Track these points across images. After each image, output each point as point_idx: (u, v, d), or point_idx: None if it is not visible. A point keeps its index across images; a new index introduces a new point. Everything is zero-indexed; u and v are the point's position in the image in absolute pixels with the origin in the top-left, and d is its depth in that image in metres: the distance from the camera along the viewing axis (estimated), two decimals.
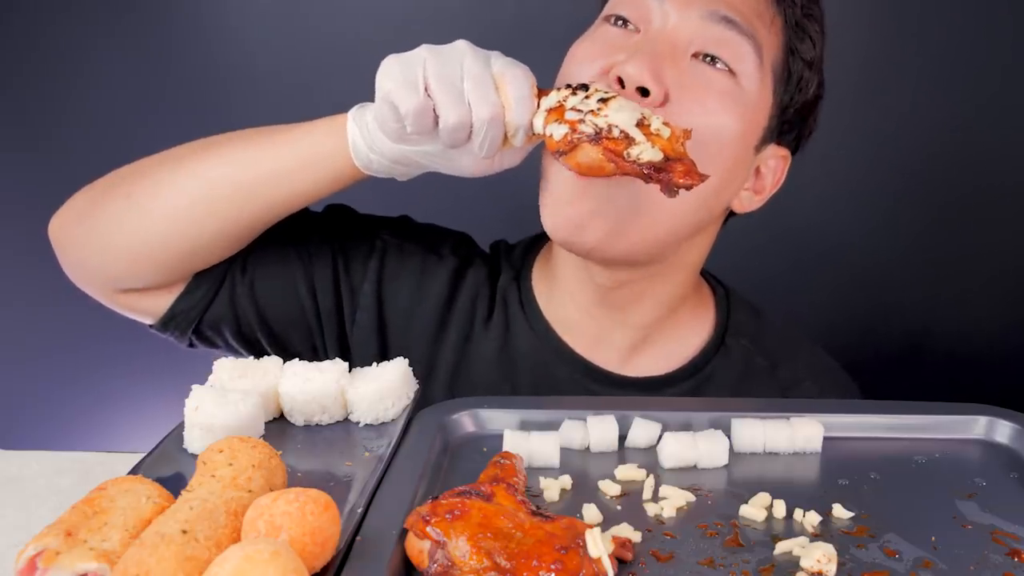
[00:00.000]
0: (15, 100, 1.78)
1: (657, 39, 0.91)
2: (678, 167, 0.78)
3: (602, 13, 0.98)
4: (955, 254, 1.66)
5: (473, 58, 0.81)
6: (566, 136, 0.78)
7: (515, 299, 1.10)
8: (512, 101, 0.80)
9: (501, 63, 0.82)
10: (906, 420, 0.84)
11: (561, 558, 0.59)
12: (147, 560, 0.54)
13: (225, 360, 0.88)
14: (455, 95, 0.80)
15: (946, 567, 0.64)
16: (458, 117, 0.80)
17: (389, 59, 0.83)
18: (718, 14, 0.91)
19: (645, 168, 0.77)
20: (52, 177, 1.79)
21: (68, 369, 1.79)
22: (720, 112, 0.91)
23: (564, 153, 0.79)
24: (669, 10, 0.92)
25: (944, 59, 1.56)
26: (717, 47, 0.91)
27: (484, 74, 0.80)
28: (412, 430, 0.82)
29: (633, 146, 0.77)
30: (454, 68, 0.80)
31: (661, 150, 0.78)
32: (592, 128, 0.78)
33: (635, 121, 0.79)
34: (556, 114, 0.80)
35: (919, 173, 1.63)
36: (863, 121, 1.62)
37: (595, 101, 0.80)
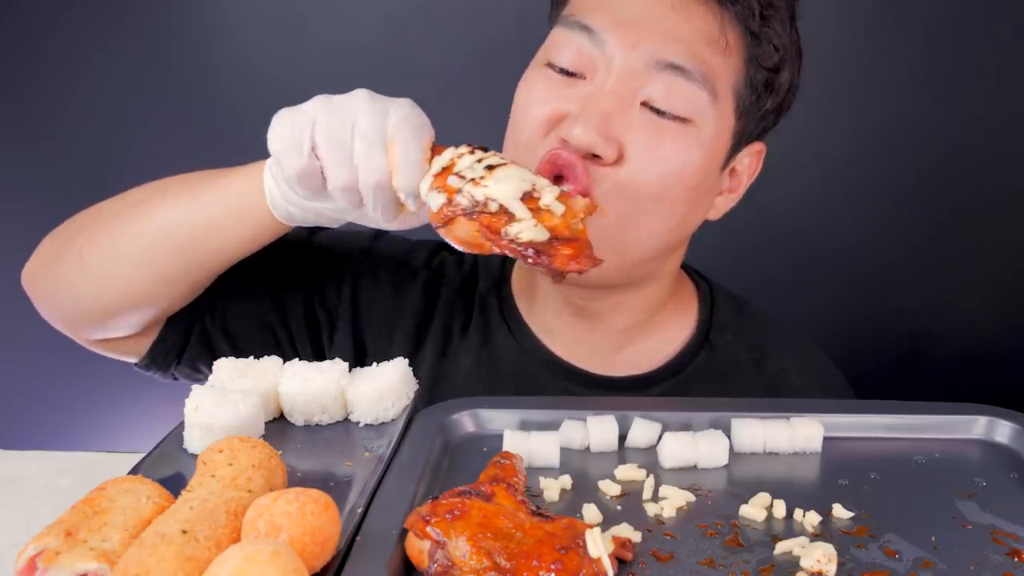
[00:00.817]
0: (15, 100, 1.78)
1: (602, 94, 0.87)
2: (564, 250, 0.70)
3: (542, 56, 0.94)
4: (955, 256, 1.66)
5: (367, 114, 0.76)
6: (442, 208, 0.72)
7: (495, 306, 1.09)
8: (399, 165, 0.74)
9: (397, 119, 0.76)
10: (906, 420, 0.84)
11: (561, 558, 0.59)
12: (147, 560, 0.54)
13: (225, 360, 0.88)
14: (342, 157, 0.76)
15: (946, 567, 0.64)
16: (344, 181, 0.76)
17: (280, 115, 0.79)
18: (663, 62, 0.87)
19: (524, 248, 0.70)
20: (52, 177, 1.80)
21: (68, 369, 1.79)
22: (676, 156, 0.89)
23: (442, 226, 0.72)
24: (613, 56, 0.88)
25: (943, 63, 1.56)
26: (665, 98, 0.87)
27: (375, 134, 0.75)
28: (412, 430, 0.82)
29: (512, 223, 0.70)
30: (344, 127, 0.76)
31: (551, 228, 0.70)
32: (468, 200, 0.70)
33: (521, 193, 0.71)
34: (441, 180, 0.73)
35: (919, 176, 1.63)
36: (863, 125, 1.62)
37: (483, 167, 0.72)
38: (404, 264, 1.10)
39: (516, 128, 0.94)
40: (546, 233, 0.70)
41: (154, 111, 1.75)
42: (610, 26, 0.88)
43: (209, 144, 1.74)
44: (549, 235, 0.70)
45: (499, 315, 1.09)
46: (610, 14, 0.88)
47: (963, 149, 1.61)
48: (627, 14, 0.88)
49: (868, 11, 1.57)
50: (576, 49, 0.89)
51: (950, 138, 1.61)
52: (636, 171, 0.87)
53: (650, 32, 0.87)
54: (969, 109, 1.58)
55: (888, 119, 1.61)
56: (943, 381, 1.70)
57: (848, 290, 1.71)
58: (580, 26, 0.89)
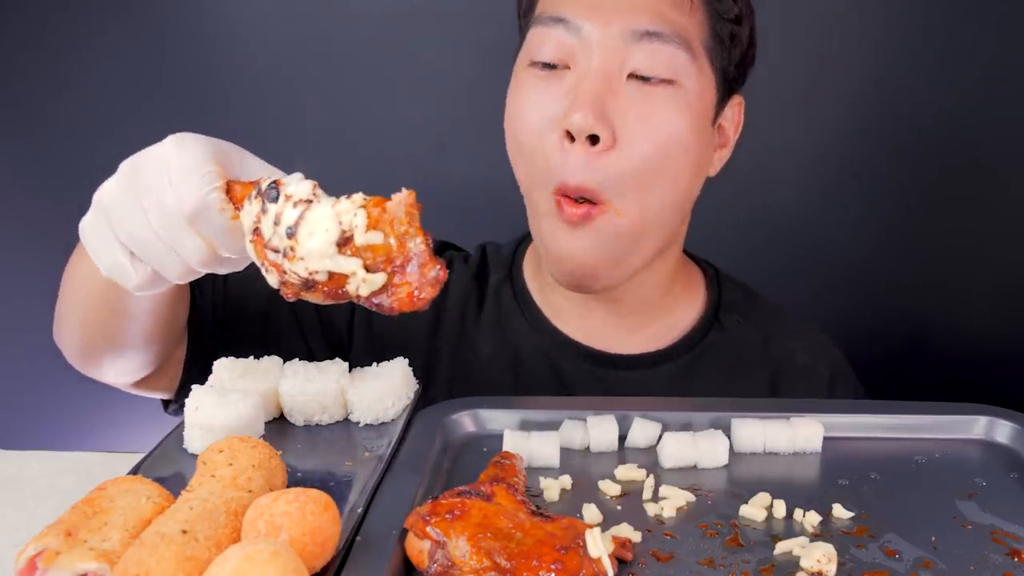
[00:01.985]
0: (13, 97, 1.78)
1: (588, 76, 0.90)
2: (401, 289, 0.65)
3: (523, 59, 0.97)
4: (955, 256, 1.66)
5: (152, 198, 0.68)
6: (283, 288, 0.67)
7: (508, 295, 1.11)
8: (213, 240, 0.69)
9: (179, 189, 0.68)
10: (906, 420, 0.84)
11: (561, 558, 0.59)
12: (147, 560, 0.54)
13: (225, 360, 0.88)
14: (159, 255, 0.70)
15: (946, 567, 0.64)
16: (179, 272, 0.71)
17: (83, 228, 0.73)
18: (639, 31, 0.90)
19: (374, 300, 0.66)
20: (53, 176, 1.80)
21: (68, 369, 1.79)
22: (668, 123, 0.91)
23: (296, 299, 0.68)
24: (589, 40, 0.91)
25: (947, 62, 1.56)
26: (648, 65, 0.90)
27: (169, 218, 0.68)
28: (412, 430, 0.82)
29: (349, 283, 0.65)
30: (142, 225, 0.69)
31: (384, 261, 0.65)
32: (297, 279, 0.66)
33: (334, 247, 0.65)
34: (259, 248, 0.67)
35: (920, 175, 1.63)
36: (865, 121, 1.62)
37: (284, 233, 0.65)
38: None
39: (515, 134, 0.96)
40: (381, 277, 0.65)
41: (152, 108, 1.74)
42: (582, 11, 0.91)
43: None
44: (385, 276, 0.65)
45: (514, 303, 1.10)
46: (582, 1, 0.92)
47: (964, 148, 1.61)
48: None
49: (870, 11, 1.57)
50: (555, 42, 0.92)
51: (951, 136, 1.61)
52: (634, 150, 0.90)
53: (619, 7, 0.91)
54: (970, 107, 1.58)
55: (889, 116, 1.61)
56: (943, 380, 1.70)
57: (848, 290, 1.71)
58: (554, 19, 0.92)
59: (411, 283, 0.65)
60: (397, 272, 0.66)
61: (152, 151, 0.70)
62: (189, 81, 1.74)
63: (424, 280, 0.65)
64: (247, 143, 0.76)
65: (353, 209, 0.65)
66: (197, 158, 0.68)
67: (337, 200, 0.66)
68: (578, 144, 0.89)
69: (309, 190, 0.67)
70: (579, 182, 0.90)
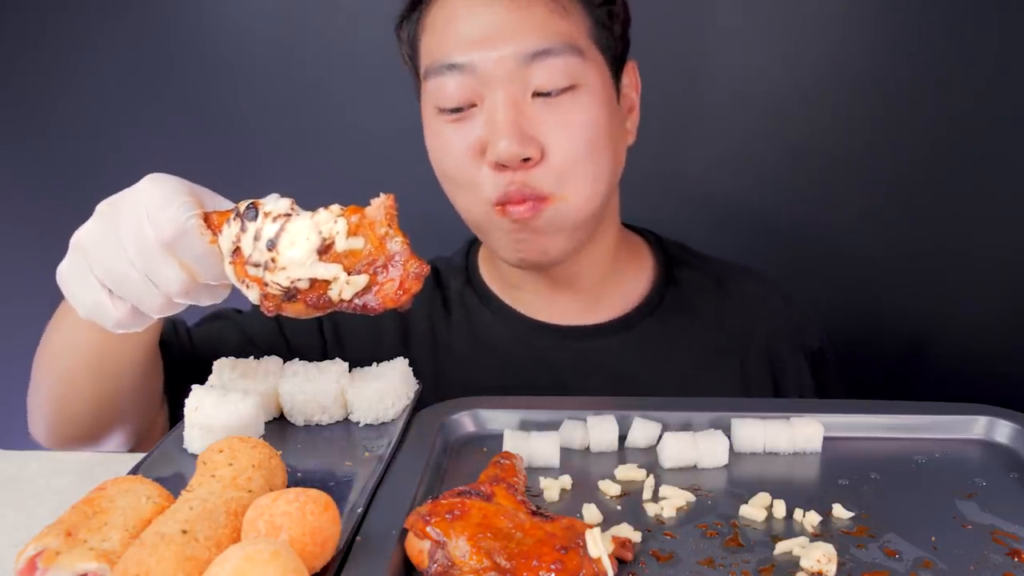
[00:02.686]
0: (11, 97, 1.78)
1: (498, 107, 0.94)
2: (387, 286, 0.67)
3: (429, 105, 1.00)
4: (955, 256, 1.66)
5: (128, 230, 0.70)
6: (264, 303, 0.68)
7: (472, 297, 1.16)
8: (191, 267, 0.70)
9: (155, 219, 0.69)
10: (906, 420, 0.84)
11: (561, 558, 0.59)
12: (147, 560, 0.54)
13: (225, 360, 0.88)
14: (137, 288, 0.71)
15: (946, 567, 0.64)
16: (157, 306, 0.72)
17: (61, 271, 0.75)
18: (528, 54, 0.94)
19: (357, 302, 0.68)
20: (53, 176, 1.80)
21: None
22: (583, 121, 0.96)
23: (274, 315, 0.70)
24: (485, 76, 0.94)
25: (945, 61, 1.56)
26: (547, 81, 0.94)
27: (147, 248, 0.69)
28: (412, 430, 0.82)
29: (331, 288, 0.67)
30: (119, 259, 0.70)
31: (366, 263, 0.68)
32: (279, 290, 0.67)
33: (314, 255, 0.67)
34: (240, 267, 0.68)
35: (918, 176, 1.63)
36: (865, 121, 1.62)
37: (265, 246, 0.67)
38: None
39: (446, 173, 1.01)
40: (364, 278, 0.67)
41: (153, 109, 1.74)
42: (470, 51, 0.95)
43: (206, 141, 1.74)
44: (367, 277, 0.67)
45: (478, 303, 1.15)
46: (464, 42, 0.95)
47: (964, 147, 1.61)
48: (477, 33, 0.95)
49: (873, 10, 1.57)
50: (454, 86, 0.96)
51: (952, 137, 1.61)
52: (561, 153, 0.95)
53: (504, 37, 0.94)
54: (970, 107, 1.58)
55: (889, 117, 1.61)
56: (943, 381, 1.70)
57: (847, 290, 1.71)
58: (446, 67, 0.96)
59: (395, 279, 0.67)
60: (380, 271, 0.67)
61: (128, 191, 0.73)
62: (189, 82, 1.74)
63: (408, 275, 0.67)
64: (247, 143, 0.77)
65: (332, 218, 0.67)
66: (174, 191, 0.70)
67: (315, 212, 0.68)
68: (510, 169, 0.94)
69: (287, 206, 0.69)
70: (519, 188, 0.95)
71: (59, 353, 0.93)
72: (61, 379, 0.93)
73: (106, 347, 0.89)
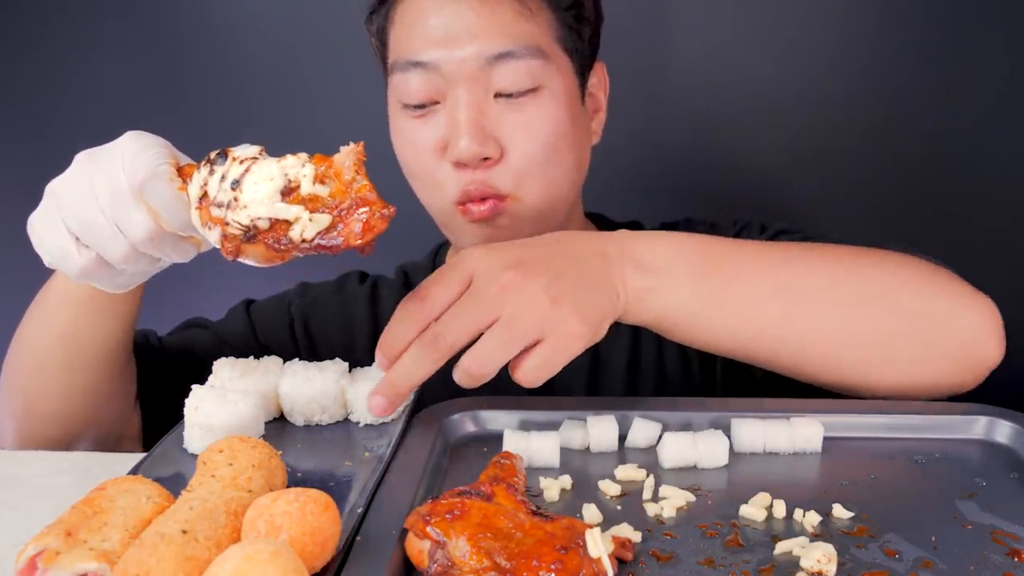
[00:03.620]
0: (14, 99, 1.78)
1: (459, 106, 0.94)
2: (353, 225, 0.67)
3: (394, 101, 1.01)
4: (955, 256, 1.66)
5: (101, 177, 0.71)
6: (223, 243, 0.68)
7: None
8: (158, 212, 0.71)
9: (128, 166, 0.71)
10: (906, 420, 0.84)
11: (561, 558, 0.59)
12: (147, 560, 0.54)
13: (225, 360, 0.88)
14: (103, 234, 0.72)
15: (946, 567, 0.64)
16: (121, 253, 0.72)
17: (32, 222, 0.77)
18: (491, 56, 0.94)
19: (321, 241, 0.67)
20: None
21: None
22: (544, 123, 0.96)
23: (233, 258, 0.69)
24: (449, 75, 0.95)
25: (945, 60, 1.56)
26: (510, 83, 0.95)
27: (118, 194, 0.70)
28: (412, 430, 0.82)
29: (292, 228, 0.67)
30: (89, 204, 0.72)
31: (331, 204, 0.67)
32: (239, 228, 0.67)
33: (278, 195, 0.67)
34: (205, 211, 0.69)
35: (918, 176, 1.63)
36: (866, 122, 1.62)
37: (229, 185, 0.67)
38: (340, 290, 1.19)
39: (410, 169, 1.02)
40: (327, 217, 0.67)
41: (153, 109, 1.74)
42: (434, 50, 0.95)
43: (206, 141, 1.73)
44: (331, 217, 0.67)
45: None
46: (429, 40, 0.95)
47: (964, 147, 1.61)
48: (442, 32, 0.95)
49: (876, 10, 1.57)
50: (418, 84, 0.96)
51: (953, 137, 1.61)
52: (521, 155, 0.96)
53: (469, 36, 0.94)
54: (970, 107, 1.58)
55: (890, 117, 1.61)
56: None
57: None
58: (411, 64, 0.97)
59: (360, 220, 0.67)
60: (344, 214, 0.67)
61: (108, 144, 0.74)
62: (191, 81, 1.74)
63: (373, 214, 0.67)
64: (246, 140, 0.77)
65: (299, 163, 0.68)
66: (151, 143, 0.72)
67: (282, 157, 0.69)
68: (470, 168, 0.95)
69: (255, 151, 0.70)
70: (479, 187, 0.96)
71: (30, 344, 0.93)
72: (31, 372, 0.93)
73: (77, 332, 0.90)
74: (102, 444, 0.98)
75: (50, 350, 0.92)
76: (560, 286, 0.76)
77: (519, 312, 0.74)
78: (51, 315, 0.91)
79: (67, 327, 0.90)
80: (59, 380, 0.93)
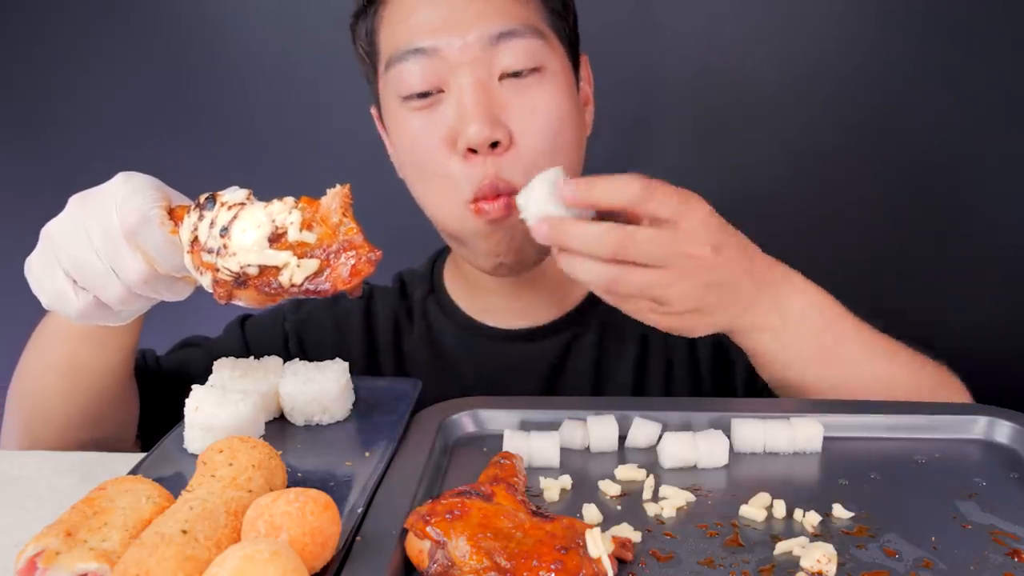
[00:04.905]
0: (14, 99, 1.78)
1: (466, 90, 0.93)
2: (340, 270, 0.68)
3: (392, 99, 0.99)
4: (956, 255, 1.66)
5: (93, 220, 0.72)
6: (216, 288, 0.70)
7: (435, 310, 1.16)
8: (151, 256, 0.72)
9: (120, 210, 0.72)
10: (906, 420, 0.84)
11: (561, 558, 0.59)
12: (147, 560, 0.54)
13: (225, 360, 0.88)
14: (99, 278, 0.73)
15: (946, 567, 0.64)
16: (117, 295, 0.74)
17: (29, 264, 0.77)
18: (492, 36, 0.93)
19: (307, 287, 0.68)
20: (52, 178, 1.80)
21: None
22: (551, 108, 0.96)
23: (225, 302, 0.71)
24: (451, 59, 0.94)
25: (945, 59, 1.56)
26: (514, 61, 0.94)
27: (110, 237, 0.71)
28: (412, 430, 0.82)
29: (282, 273, 0.68)
30: (83, 248, 0.72)
31: (319, 249, 0.69)
32: (229, 275, 0.69)
33: (266, 242, 0.68)
34: (196, 255, 0.71)
35: (918, 175, 1.63)
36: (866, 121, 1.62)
37: (218, 232, 0.68)
38: (333, 302, 1.19)
39: (418, 166, 0.99)
40: (314, 262, 0.68)
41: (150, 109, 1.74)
42: (434, 35, 0.94)
43: (206, 141, 1.74)
44: (318, 261, 0.68)
45: (441, 316, 1.15)
46: (427, 28, 0.95)
47: (964, 146, 1.61)
48: (440, 18, 0.94)
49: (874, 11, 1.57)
50: (419, 70, 0.95)
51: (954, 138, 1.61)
52: (532, 140, 0.95)
53: (469, 21, 0.94)
54: (970, 105, 1.58)
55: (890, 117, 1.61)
56: None
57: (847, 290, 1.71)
58: (411, 52, 0.95)
59: (347, 264, 0.68)
60: (332, 257, 0.68)
61: (100, 186, 0.75)
62: (189, 83, 1.74)
63: (360, 259, 0.68)
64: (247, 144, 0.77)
65: (286, 209, 0.69)
66: (142, 185, 0.73)
67: (269, 203, 0.70)
68: (481, 154, 0.93)
69: (243, 196, 0.71)
70: (492, 182, 0.94)
71: (32, 374, 0.95)
72: (33, 401, 0.95)
73: (77, 365, 0.91)
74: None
75: (50, 381, 0.92)
76: (721, 293, 0.84)
77: (682, 294, 0.82)
78: (51, 348, 0.92)
79: (67, 360, 0.91)
80: (61, 409, 0.93)
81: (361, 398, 0.89)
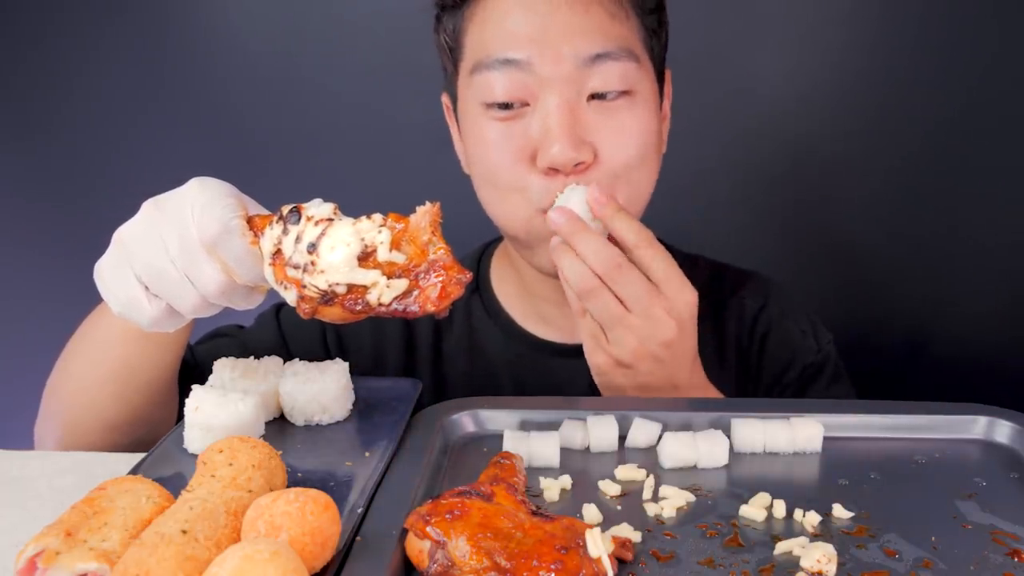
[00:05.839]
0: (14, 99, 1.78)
1: (554, 109, 0.91)
2: (430, 291, 0.67)
3: (474, 103, 0.97)
4: (955, 255, 1.66)
5: (171, 229, 0.72)
6: (300, 304, 0.69)
7: (479, 309, 1.13)
8: (231, 267, 0.72)
9: (199, 220, 0.71)
10: (906, 420, 0.84)
11: (561, 558, 0.59)
12: (147, 560, 0.54)
13: (225, 360, 0.88)
14: (175, 286, 0.72)
15: (946, 567, 0.64)
16: (192, 305, 0.73)
17: (100, 268, 0.76)
18: (589, 56, 0.92)
19: (395, 307, 0.67)
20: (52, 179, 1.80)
21: None
22: (638, 132, 0.95)
23: (311, 317, 0.70)
24: (543, 75, 0.92)
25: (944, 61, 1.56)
26: (604, 84, 0.93)
27: (189, 247, 0.71)
28: (412, 430, 0.82)
29: (370, 292, 0.67)
30: (160, 256, 0.72)
31: (408, 269, 0.68)
32: (316, 292, 0.68)
33: (355, 260, 0.67)
34: (279, 268, 0.69)
35: (920, 173, 1.63)
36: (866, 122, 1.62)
37: (305, 248, 0.67)
38: None
39: (491, 174, 0.97)
40: (403, 282, 0.67)
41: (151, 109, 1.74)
42: (529, 49, 0.92)
43: (207, 142, 1.74)
44: (407, 281, 0.68)
45: (485, 317, 1.13)
46: (521, 38, 0.93)
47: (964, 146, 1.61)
48: (534, 28, 0.92)
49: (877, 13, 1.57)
50: (507, 82, 0.93)
51: (953, 138, 1.61)
52: (615, 161, 0.94)
53: (565, 37, 0.92)
54: (970, 105, 1.58)
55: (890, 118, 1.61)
56: (943, 381, 1.70)
57: (847, 290, 1.71)
58: (502, 62, 0.93)
59: (436, 284, 0.67)
60: (421, 277, 0.67)
61: (174, 191, 0.74)
62: (190, 84, 1.74)
63: (450, 280, 0.67)
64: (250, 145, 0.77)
65: (375, 227, 0.68)
66: (220, 193, 0.72)
67: (358, 220, 0.69)
68: (562, 174, 0.92)
69: (330, 210, 0.69)
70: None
71: (78, 375, 0.93)
72: (78, 402, 0.93)
73: (130, 366, 0.90)
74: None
75: (101, 383, 0.91)
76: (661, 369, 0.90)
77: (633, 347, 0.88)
78: (102, 350, 0.90)
79: (121, 362, 0.89)
80: (112, 411, 0.92)
81: (361, 398, 0.89)
